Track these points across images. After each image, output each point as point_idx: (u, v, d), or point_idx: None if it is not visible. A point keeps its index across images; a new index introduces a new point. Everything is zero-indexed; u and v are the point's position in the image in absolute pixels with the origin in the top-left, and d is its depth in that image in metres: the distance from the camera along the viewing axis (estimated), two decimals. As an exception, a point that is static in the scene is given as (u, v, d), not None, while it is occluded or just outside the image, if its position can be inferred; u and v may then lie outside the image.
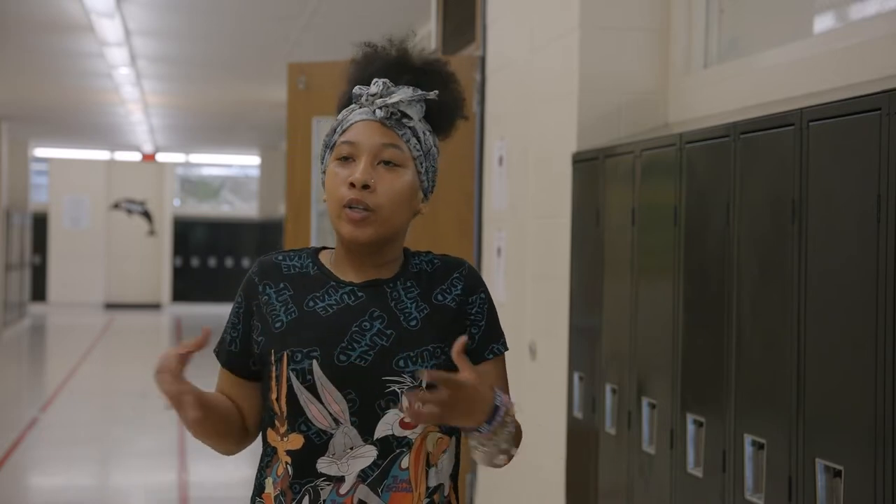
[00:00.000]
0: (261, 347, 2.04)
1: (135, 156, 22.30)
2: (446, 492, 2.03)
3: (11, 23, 9.39)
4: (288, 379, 1.99)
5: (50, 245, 22.55)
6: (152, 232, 23.15)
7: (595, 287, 3.93)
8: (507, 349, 2.11)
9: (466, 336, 1.96)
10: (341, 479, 1.97)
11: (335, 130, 2.06)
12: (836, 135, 2.52)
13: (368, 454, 1.97)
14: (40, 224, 21.76)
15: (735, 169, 2.95)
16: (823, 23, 3.55)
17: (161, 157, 22.51)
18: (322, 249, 2.13)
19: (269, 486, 2.04)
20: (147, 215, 23.14)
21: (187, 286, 23.26)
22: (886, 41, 2.97)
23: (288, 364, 1.99)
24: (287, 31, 9.46)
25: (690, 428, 3.17)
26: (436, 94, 2.04)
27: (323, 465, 1.98)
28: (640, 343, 3.56)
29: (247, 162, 23.56)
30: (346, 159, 2.02)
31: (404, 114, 2.02)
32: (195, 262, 23.55)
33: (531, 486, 4.60)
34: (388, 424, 1.97)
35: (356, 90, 2.05)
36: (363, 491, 1.97)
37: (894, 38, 2.95)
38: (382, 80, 2.03)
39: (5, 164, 16.31)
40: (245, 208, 24.16)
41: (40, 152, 21.89)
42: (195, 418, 1.94)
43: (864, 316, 2.36)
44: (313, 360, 1.98)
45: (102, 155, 22.58)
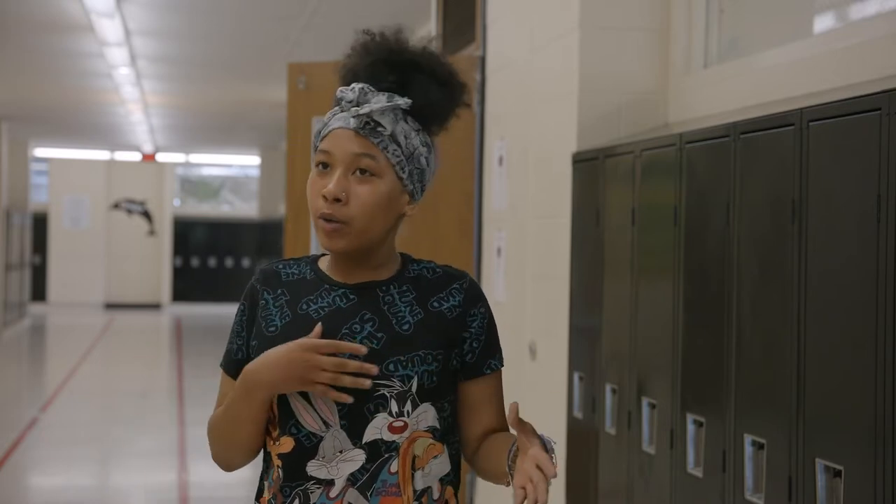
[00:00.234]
0: (254, 351, 2.03)
1: (135, 156, 22.31)
2: (435, 495, 2.02)
3: (11, 23, 9.39)
4: None
5: (50, 245, 22.55)
6: (152, 232, 23.15)
7: (595, 287, 3.93)
8: (503, 365, 2.10)
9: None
10: (331, 483, 1.97)
11: (319, 133, 2.05)
12: (836, 135, 2.52)
13: (357, 458, 1.97)
14: (40, 224, 21.77)
15: (735, 169, 2.95)
16: (823, 23, 3.55)
17: (161, 157, 22.51)
18: (322, 256, 2.12)
19: (266, 491, 2.05)
20: (147, 215, 23.14)
21: (187, 286, 23.27)
22: (886, 41, 2.97)
23: None
24: (287, 31, 9.46)
25: (690, 428, 3.17)
26: (407, 103, 1.98)
27: (313, 469, 1.98)
28: (640, 343, 3.56)
29: (247, 162, 23.56)
30: (325, 166, 2.01)
31: (378, 123, 1.97)
32: (195, 262, 23.56)
33: (531, 486, 4.58)
34: (377, 428, 1.97)
35: (338, 93, 2.01)
36: (353, 494, 1.96)
37: (894, 38, 2.94)
38: (360, 86, 1.99)
39: (5, 164, 16.31)
40: (245, 208, 24.16)
41: (40, 152, 21.89)
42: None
43: (864, 316, 2.36)
44: None
45: (102, 155, 22.58)
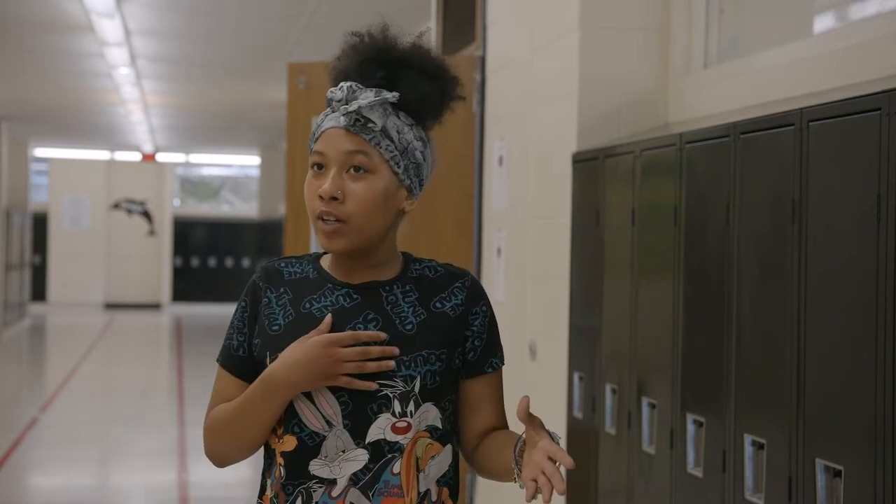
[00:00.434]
0: (258, 350, 2.03)
1: (135, 156, 22.30)
2: (434, 497, 2.02)
3: (11, 23, 9.39)
4: None
5: (50, 245, 22.55)
6: (152, 232, 23.15)
7: (595, 287, 3.93)
8: (504, 363, 2.11)
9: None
10: (333, 482, 1.97)
11: (313, 135, 2.05)
12: (836, 135, 2.52)
13: (360, 458, 1.97)
14: (40, 224, 21.77)
15: (735, 169, 2.95)
16: (823, 23, 3.55)
17: (161, 157, 22.51)
18: (324, 254, 2.12)
19: (269, 488, 2.05)
20: (147, 215, 23.14)
21: (187, 286, 23.27)
22: (886, 41, 2.97)
23: None
24: (287, 31, 9.46)
25: (690, 428, 3.17)
26: (395, 96, 1.98)
27: (315, 468, 1.98)
28: (640, 343, 3.56)
29: (247, 162, 23.56)
30: (320, 167, 2.01)
31: (368, 119, 1.97)
32: (195, 262, 23.56)
33: (531, 486, 4.58)
34: (380, 428, 1.97)
35: (328, 94, 2.02)
36: (354, 494, 1.97)
37: (894, 38, 2.94)
38: (347, 85, 1.99)
39: (5, 164, 16.31)
40: (245, 208, 24.16)
41: (40, 152, 21.89)
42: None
43: (864, 316, 2.36)
44: None
45: (102, 155, 22.58)
